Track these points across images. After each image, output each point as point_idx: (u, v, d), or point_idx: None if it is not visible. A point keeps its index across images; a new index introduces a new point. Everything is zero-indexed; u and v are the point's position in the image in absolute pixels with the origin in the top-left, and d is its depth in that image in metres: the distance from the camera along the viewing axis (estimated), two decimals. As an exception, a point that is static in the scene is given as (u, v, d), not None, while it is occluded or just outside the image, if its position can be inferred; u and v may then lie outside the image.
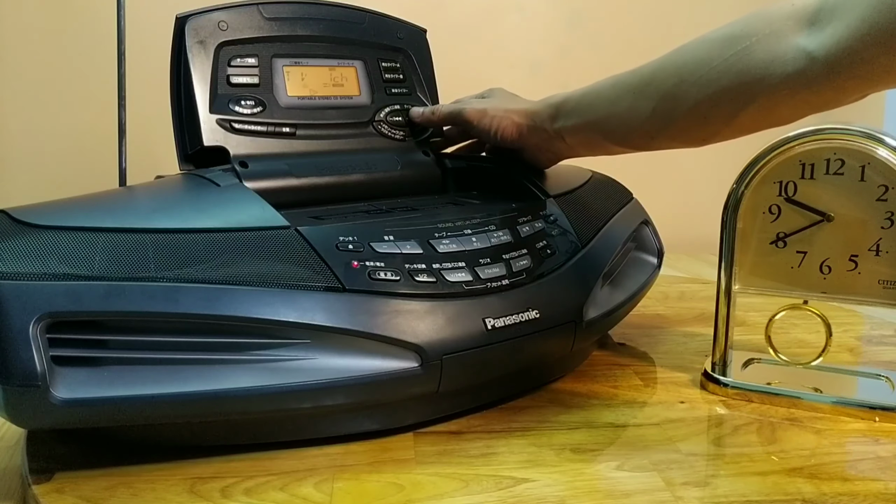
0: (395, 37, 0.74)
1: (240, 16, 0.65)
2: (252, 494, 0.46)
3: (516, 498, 0.46)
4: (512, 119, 0.68)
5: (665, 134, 0.60)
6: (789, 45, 0.52)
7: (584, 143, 0.66)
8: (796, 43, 0.51)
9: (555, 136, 0.66)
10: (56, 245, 0.46)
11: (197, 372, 0.46)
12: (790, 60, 0.51)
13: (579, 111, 0.64)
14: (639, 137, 0.62)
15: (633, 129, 0.61)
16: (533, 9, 1.19)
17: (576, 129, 0.65)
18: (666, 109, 0.58)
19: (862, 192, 0.57)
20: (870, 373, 0.63)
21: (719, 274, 0.61)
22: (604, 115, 0.63)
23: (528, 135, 0.68)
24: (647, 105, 0.59)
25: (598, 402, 0.59)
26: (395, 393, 0.51)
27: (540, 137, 0.68)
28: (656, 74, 0.59)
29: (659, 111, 0.59)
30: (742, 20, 0.55)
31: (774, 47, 0.52)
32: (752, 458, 0.51)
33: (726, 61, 0.54)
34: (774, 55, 0.52)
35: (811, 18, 0.51)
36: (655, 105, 0.59)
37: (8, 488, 0.50)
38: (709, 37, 0.57)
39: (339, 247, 0.52)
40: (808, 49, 0.51)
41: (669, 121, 0.59)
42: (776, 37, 0.52)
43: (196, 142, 0.61)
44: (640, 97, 0.60)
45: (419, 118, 0.73)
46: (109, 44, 0.67)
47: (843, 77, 0.49)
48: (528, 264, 0.58)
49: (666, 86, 0.58)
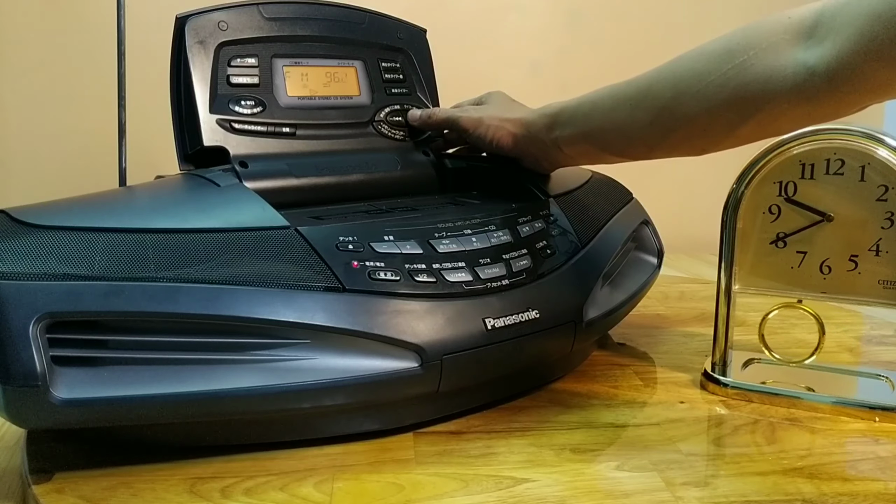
0: (395, 37, 0.74)
1: (240, 16, 0.65)
2: (252, 494, 0.46)
3: (516, 498, 0.46)
4: (507, 129, 0.68)
5: (664, 145, 0.59)
6: (788, 58, 0.51)
7: (581, 153, 0.66)
8: (795, 57, 0.51)
9: (551, 146, 0.66)
10: (56, 245, 0.46)
11: (197, 372, 0.46)
12: (790, 74, 0.51)
13: (575, 122, 0.63)
14: (637, 148, 0.61)
15: (631, 141, 0.61)
16: (533, 9, 1.19)
17: (572, 140, 0.64)
18: (664, 122, 0.58)
19: (862, 192, 0.57)
20: (870, 373, 0.63)
21: (719, 274, 0.61)
22: (601, 126, 0.62)
23: (524, 144, 0.68)
24: (644, 117, 0.59)
25: (598, 402, 0.59)
26: (395, 393, 0.51)
27: (536, 147, 0.67)
28: (653, 87, 0.58)
29: (657, 123, 0.58)
30: (738, 32, 0.54)
31: (773, 61, 0.51)
32: (752, 458, 0.51)
33: (724, 75, 0.53)
34: (773, 69, 0.51)
35: (809, 32, 0.50)
36: (653, 117, 0.58)
37: (8, 488, 0.50)
38: (705, 49, 0.56)
39: (339, 247, 0.52)
40: (808, 63, 0.50)
41: (668, 132, 0.58)
42: (774, 50, 0.51)
43: (196, 142, 0.61)
44: (637, 109, 0.59)
45: (416, 122, 0.73)
46: (109, 44, 0.67)
47: (844, 90, 0.49)
48: (528, 264, 0.58)
49: (663, 98, 0.57)
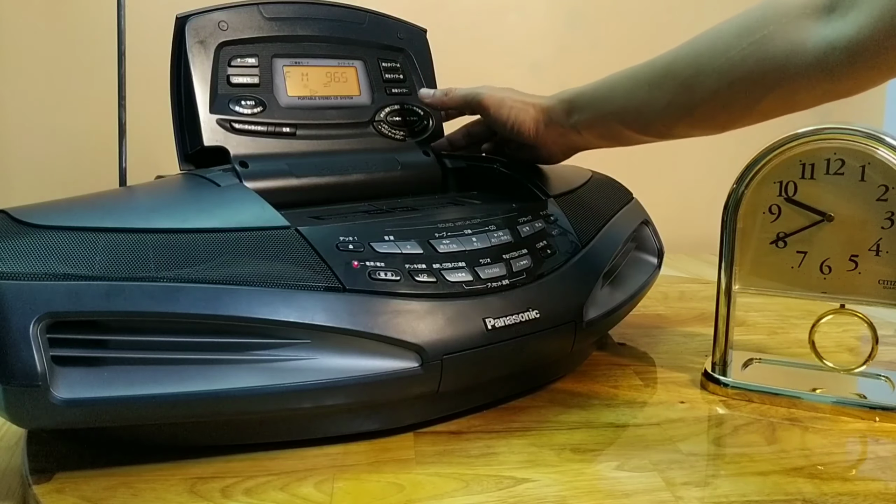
0: (396, 37, 0.74)
1: (240, 16, 0.65)
2: (252, 494, 0.46)
3: (516, 498, 0.46)
4: (531, 113, 0.68)
5: (684, 122, 0.60)
6: (809, 33, 0.52)
7: (600, 136, 0.66)
8: (816, 31, 0.51)
9: (570, 131, 0.67)
10: (56, 245, 0.46)
11: (197, 372, 0.46)
12: (810, 49, 0.51)
13: (595, 105, 0.65)
14: (657, 127, 0.62)
15: (651, 120, 0.62)
16: (532, 8, 1.19)
17: (592, 123, 0.65)
18: (684, 99, 0.59)
19: (862, 192, 0.57)
20: (870, 373, 0.63)
21: (719, 274, 0.61)
22: (620, 107, 0.63)
23: (545, 130, 0.68)
24: (664, 96, 0.60)
25: (598, 402, 0.59)
26: (395, 393, 0.51)
27: (556, 132, 0.68)
28: (672, 65, 0.59)
29: (677, 101, 0.59)
30: (756, 9, 0.55)
31: (794, 36, 0.52)
32: (753, 457, 0.51)
33: (744, 50, 0.54)
34: (794, 44, 0.52)
35: (830, 6, 0.51)
36: (673, 95, 0.59)
37: (8, 488, 0.50)
38: (723, 27, 0.57)
39: (340, 247, 0.52)
40: (829, 38, 0.50)
41: (688, 110, 0.59)
42: (794, 25, 0.52)
43: (196, 142, 0.61)
44: (656, 88, 0.60)
45: (430, 99, 0.72)
46: (109, 44, 0.67)
47: (864, 66, 0.49)
48: (528, 264, 0.58)
49: (683, 75, 0.58)
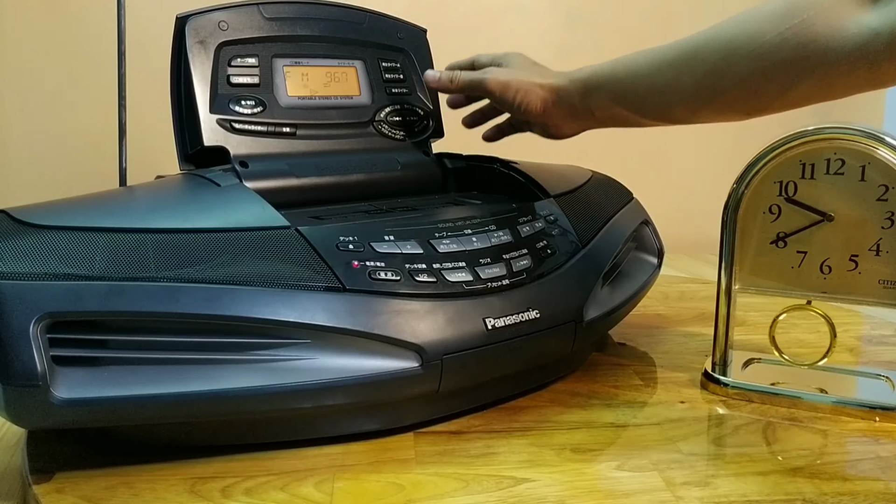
0: (396, 37, 0.74)
1: (240, 16, 0.65)
2: (252, 494, 0.46)
3: (516, 498, 0.46)
4: (538, 94, 0.67)
5: (710, 107, 0.59)
6: (851, 19, 0.51)
7: (614, 118, 0.65)
8: (859, 18, 0.51)
9: (583, 111, 0.66)
10: (56, 245, 0.46)
11: (197, 372, 0.46)
12: (852, 35, 0.51)
13: (611, 87, 0.63)
14: (679, 112, 0.61)
15: (673, 104, 0.60)
16: (532, 9, 1.19)
17: (607, 105, 0.64)
18: (712, 83, 0.57)
19: (862, 191, 0.57)
20: (870, 373, 0.63)
21: (719, 274, 0.61)
22: (640, 90, 0.62)
23: (553, 109, 0.67)
24: (690, 80, 0.58)
25: (598, 402, 0.59)
26: (395, 393, 0.51)
27: (567, 111, 0.67)
28: (701, 49, 0.58)
29: (704, 86, 0.58)
30: None
31: (834, 21, 0.51)
32: (753, 457, 0.51)
33: (781, 35, 0.53)
34: (835, 29, 0.51)
35: None
36: (700, 79, 0.58)
37: (8, 488, 0.50)
38: (754, 12, 0.55)
39: (340, 247, 0.52)
40: (872, 25, 0.50)
41: (716, 94, 0.58)
42: (836, 11, 0.51)
43: (196, 142, 0.61)
44: (682, 71, 0.59)
45: (435, 83, 0.71)
46: (109, 44, 0.67)
47: None
48: (528, 264, 0.58)
49: (713, 59, 0.57)
